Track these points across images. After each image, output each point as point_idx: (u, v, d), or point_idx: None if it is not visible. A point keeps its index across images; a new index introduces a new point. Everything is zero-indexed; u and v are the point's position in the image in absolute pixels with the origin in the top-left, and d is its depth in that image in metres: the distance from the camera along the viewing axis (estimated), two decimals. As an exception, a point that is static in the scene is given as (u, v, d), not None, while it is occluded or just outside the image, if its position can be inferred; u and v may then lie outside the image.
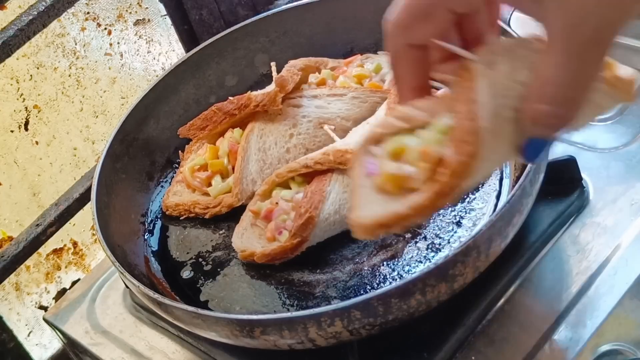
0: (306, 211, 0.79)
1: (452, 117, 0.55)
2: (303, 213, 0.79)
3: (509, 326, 0.72)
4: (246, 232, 0.84)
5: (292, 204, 0.81)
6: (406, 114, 0.58)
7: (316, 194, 0.80)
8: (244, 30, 1.02)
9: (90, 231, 1.14)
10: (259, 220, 0.84)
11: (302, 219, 0.79)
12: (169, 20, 1.17)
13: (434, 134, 0.56)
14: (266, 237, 0.82)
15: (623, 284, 0.72)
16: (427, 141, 0.56)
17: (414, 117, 0.58)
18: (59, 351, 1.10)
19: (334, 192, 0.81)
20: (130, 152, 0.94)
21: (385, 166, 0.58)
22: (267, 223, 0.83)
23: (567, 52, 0.50)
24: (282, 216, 0.81)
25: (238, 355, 0.77)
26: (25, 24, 0.91)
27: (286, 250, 0.79)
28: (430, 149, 0.55)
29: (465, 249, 0.64)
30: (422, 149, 0.56)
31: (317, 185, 0.81)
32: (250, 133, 0.90)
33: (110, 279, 0.95)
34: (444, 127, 0.56)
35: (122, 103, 1.17)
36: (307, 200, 0.80)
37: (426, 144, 0.56)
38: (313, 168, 0.83)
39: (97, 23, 1.11)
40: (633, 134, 0.85)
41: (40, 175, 1.09)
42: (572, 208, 0.79)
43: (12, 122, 1.05)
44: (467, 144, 0.53)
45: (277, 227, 0.81)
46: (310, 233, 0.79)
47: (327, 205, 0.80)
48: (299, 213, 0.79)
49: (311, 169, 0.83)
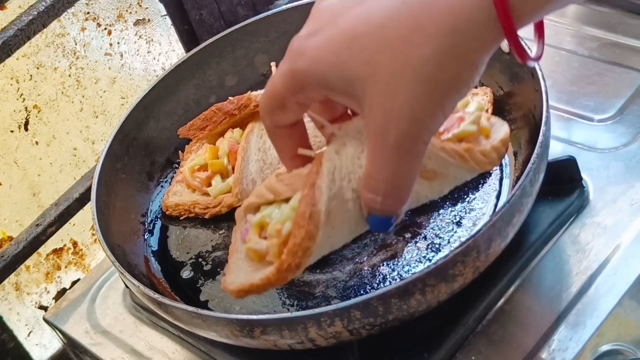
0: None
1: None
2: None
3: (509, 326, 0.72)
4: None
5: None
6: (273, 186, 0.65)
7: None
8: (244, 30, 1.02)
9: (90, 231, 1.14)
10: None
11: None
12: (169, 20, 1.17)
13: (290, 211, 0.62)
14: None
15: (623, 284, 0.72)
16: (285, 217, 0.62)
17: (279, 191, 0.65)
18: (59, 351, 1.10)
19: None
20: (130, 152, 0.94)
21: (250, 238, 0.65)
22: None
23: (379, 154, 0.55)
24: None
25: (238, 355, 0.77)
26: (25, 24, 0.91)
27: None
28: (282, 227, 0.62)
29: (465, 249, 0.64)
30: (276, 226, 0.62)
31: None
32: (250, 133, 0.90)
33: (110, 279, 0.95)
34: (297, 204, 0.61)
35: (122, 103, 1.17)
36: None
37: (282, 220, 0.62)
38: None
39: (97, 23, 1.11)
40: (633, 134, 0.85)
41: (40, 175, 1.09)
42: (572, 208, 0.79)
43: (12, 122, 1.05)
44: (302, 228, 0.58)
45: None
46: None
47: None
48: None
49: None
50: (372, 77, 0.53)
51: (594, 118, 0.89)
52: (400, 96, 0.52)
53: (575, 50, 0.98)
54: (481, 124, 0.71)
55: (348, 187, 0.61)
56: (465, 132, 0.69)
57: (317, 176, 0.60)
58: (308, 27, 0.57)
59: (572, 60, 0.97)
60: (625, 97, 0.89)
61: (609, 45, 0.97)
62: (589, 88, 0.92)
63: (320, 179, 0.60)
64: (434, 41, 0.51)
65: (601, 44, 0.98)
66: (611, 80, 0.92)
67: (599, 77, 0.93)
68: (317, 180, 0.60)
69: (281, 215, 0.63)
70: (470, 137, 0.69)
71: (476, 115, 0.71)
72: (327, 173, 0.60)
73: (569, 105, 0.91)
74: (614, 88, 0.91)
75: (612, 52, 0.96)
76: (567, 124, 0.89)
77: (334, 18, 0.55)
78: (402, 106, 0.52)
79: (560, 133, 0.88)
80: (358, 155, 0.61)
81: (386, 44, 0.52)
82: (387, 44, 0.52)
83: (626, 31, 0.98)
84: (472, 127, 0.70)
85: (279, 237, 0.62)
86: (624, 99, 0.89)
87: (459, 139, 0.69)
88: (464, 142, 0.68)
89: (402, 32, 0.51)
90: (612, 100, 0.90)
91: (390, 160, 0.55)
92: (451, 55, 0.51)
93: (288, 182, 0.65)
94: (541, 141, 0.70)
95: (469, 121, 0.71)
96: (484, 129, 0.71)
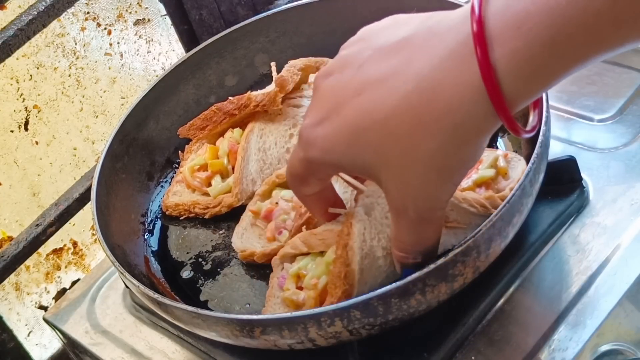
0: (307, 211, 0.79)
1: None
2: (303, 213, 0.79)
3: (509, 326, 0.72)
4: (246, 232, 0.84)
5: (292, 203, 0.81)
6: (308, 240, 0.72)
7: None
8: (244, 30, 1.02)
9: (90, 231, 1.14)
10: (259, 220, 0.84)
11: (303, 219, 0.79)
12: (169, 20, 1.17)
13: (324, 266, 0.69)
14: (266, 237, 0.82)
15: (623, 284, 0.72)
16: (320, 272, 0.69)
17: (312, 245, 0.72)
18: (58, 351, 1.10)
19: None
20: (130, 152, 0.94)
21: (288, 287, 0.72)
22: (267, 223, 0.83)
23: (403, 226, 0.61)
24: (282, 216, 0.81)
25: (238, 355, 0.77)
26: (25, 24, 0.91)
27: None
28: (317, 281, 0.69)
29: (465, 249, 0.64)
30: (312, 280, 0.69)
31: None
32: (250, 133, 0.90)
33: (110, 279, 0.95)
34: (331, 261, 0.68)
35: (122, 103, 1.17)
36: None
37: (318, 274, 0.69)
38: None
39: (97, 23, 1.11)
40: (633, 134, 0.85)
41: (40, 175, 1.09)
42: (572, 208, 0.79)
43: (12, 122, 1.05)
44: (339, 288, 0.64)
45: (277, 227, 0.81)
46: None
47: None
48: (299, 213, 0.79)
49: None
50: (384, 165, 0.58)
51: (594, 118, 0.89)
52: (412, 182, 0.57)
53: (575, 50, 0.98)
54: (499, 166, 0.75)
55: (378, 246, 0.67)
56: (483, 177, 0.73)
57: (349, 237, 0.66)
58: (313, 116, 0.61)
59: (572, 60, 0.97)
60: (625, 97, 0.89)
61: (609, 45, 0.97)
62: (589, 88, 0.92)
63: (352, 239, 0.66)
64: (437, 137, 0.55)
65: (601, 43, 0.98)
66: (611, 80, 0.92)
67: (599, 77, 0.93)
68: (349, 241, 0.66)
69: (317, 270, 0.70)
70: (489, 180, 0.73)
71: (493, 158, 0.75)
72: (357, 234, 0.66)
73: (569, 105, 0.91)
74: (614, 88, 0.91)
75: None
76: (567, 123, 0.89)
77: (337, 107, 0.59)
78: (416, 189, 0.58)
79: (560, 133, 0.88)
80: (385, 215, 0.67)
81: (392, 139, 0.56)
82: (393, 139, 0.56)
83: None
84: (490, 172, 0.74)
85: (315, 290, 0.69)
86: (624, 99, 0.89)
87: (477, 184, 0.73)
88: (484, 187, 0.73)
89: (405, 128, 0.56)
90: (612, 100, 0.90)
91: (413, 229, 0.61)
92: (455, 146, 0.55)
93: (321, 237, 0.72)
94: (541, 141, 0.70)
95: (486, 165, 0.74)
96: (502, 170, 0.75)
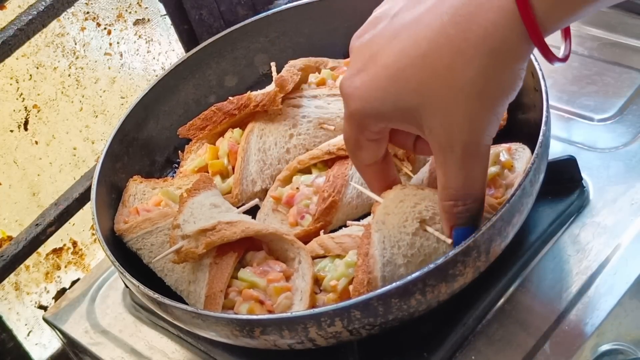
0: (329, 195, 0.81)
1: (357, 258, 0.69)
2: (326, 197, 0.81)
3: (509, 326, 0.72)
4: (268, 218, 0.85)
5: (313, 188, 0.83)
6: (324, 243, 0.75)
7: (338, 178, 0.82)
8: (243, 30, 1.02)
9: (90, 231, 1.14)
10: (281, 205, 0.85)
11: (326, 204, 0.81)
12: (168, 20, 1.17)
13: (344, 268, 0.71)
14: (289, 222, 0.83)
15: (623, 283, 0.72)
16: (339, 274, 0.71)
17: (329, 248, 0.74)
18: (58, 351, 1.10)
19: (355, 176, 0.82)
20: (130, 152, 0.94)
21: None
22: (288, 208, 0.84)
23: (451, 166, 0.61)
24: (304, 201, 0.83)
25: (238, 355, 0.77)
26: (25, 23, 0.91)
27: (310, 234, 0.81)
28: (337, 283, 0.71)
29: (465, 249, 0.64)
30: (331, 282, 0.71)
31: (339, 170, 0.83)
32: (250, 133, 0.90)
33: (110, 279, 0.95)
34: (351, 262, 0.71)
35: (121, 103, 1.17)
36: (330, 185, 0.82)
37: (337, 277, 0.71)
38: (336, 154, 0.84)
39: (97, 23, 1.11)
40: (633, 134, 0.85)
41: (40, 175, 1.09)
42: (572, 208, 0.79)
43: (12, 122, 1.05)
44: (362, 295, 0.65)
45: (299, 212, 0.82)
46: (333, 217, 0.81)
47: (350, 189, 0.82)
48: (322, 197, 0.81)
49: (334, 155, 0.85)
50: (425, 103, 0.59)
51: (594, 118, 0.89)
52: (456, 114, 0.58)
53: (575, 49, 0.98)
54: (502, 161, 0.75)
55: (399, 254, 0.67)
56: (489, 175, 0.73)
57: (370, 246, 0.67)
58: (351, 69, 0.63)
59: (572, 60, 0.96)
60: (625, 97, 0.89)
61: (609, 45, 0.97)
62: (589, 88, 0.92)
63: (373, 247, 0.67)
64: (476, 62, 0.57)
65: (601, 43, 0.98)
66: (611, 80, 0.92)
67: (599, 77, 0.93)
68: (369, 249, 0.67)
69: (336, 272, 0.72)
70: (496, 177, 0.74)
71: (494, 155, 0.74)
72: (377, 242, 0.67)
73: (569, 105, 0.91)
74: (614, 88, 0.91)
75: (612, 51, 0.96)
76: (567, 123, 0.89)
77: (373, 57, 0.61)
78: (460, 121, 0.59)
79: (560, 133, 0.88)
80: (402, 224, 0.68)
81: (431, 73, 0.58)
82: (433, 73, 0.58)
83: (626, 31, 0.98)
84: (494, 169, 0.74)
85: (335, 292, 0.71)
86: (624, 99, 0.89)
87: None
88: (493, 188, 0.73)
89: (445, 60, 0.57)
90: (612, 100, 0.90)
91: (461, 167, 0.61)
92: (494, 70, 0.57)
93: (338, 240, 0.74)
94: (541, 141, 0.70)
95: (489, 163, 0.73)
96: (506, 163, 0.75)
